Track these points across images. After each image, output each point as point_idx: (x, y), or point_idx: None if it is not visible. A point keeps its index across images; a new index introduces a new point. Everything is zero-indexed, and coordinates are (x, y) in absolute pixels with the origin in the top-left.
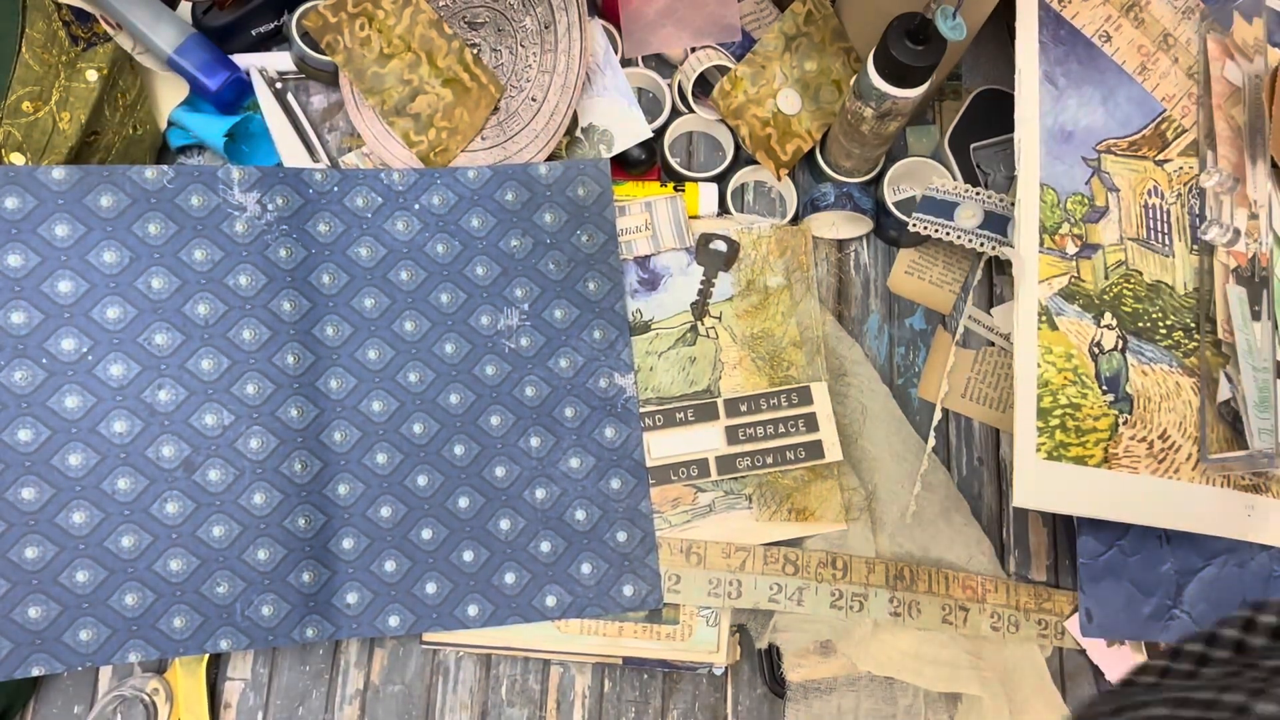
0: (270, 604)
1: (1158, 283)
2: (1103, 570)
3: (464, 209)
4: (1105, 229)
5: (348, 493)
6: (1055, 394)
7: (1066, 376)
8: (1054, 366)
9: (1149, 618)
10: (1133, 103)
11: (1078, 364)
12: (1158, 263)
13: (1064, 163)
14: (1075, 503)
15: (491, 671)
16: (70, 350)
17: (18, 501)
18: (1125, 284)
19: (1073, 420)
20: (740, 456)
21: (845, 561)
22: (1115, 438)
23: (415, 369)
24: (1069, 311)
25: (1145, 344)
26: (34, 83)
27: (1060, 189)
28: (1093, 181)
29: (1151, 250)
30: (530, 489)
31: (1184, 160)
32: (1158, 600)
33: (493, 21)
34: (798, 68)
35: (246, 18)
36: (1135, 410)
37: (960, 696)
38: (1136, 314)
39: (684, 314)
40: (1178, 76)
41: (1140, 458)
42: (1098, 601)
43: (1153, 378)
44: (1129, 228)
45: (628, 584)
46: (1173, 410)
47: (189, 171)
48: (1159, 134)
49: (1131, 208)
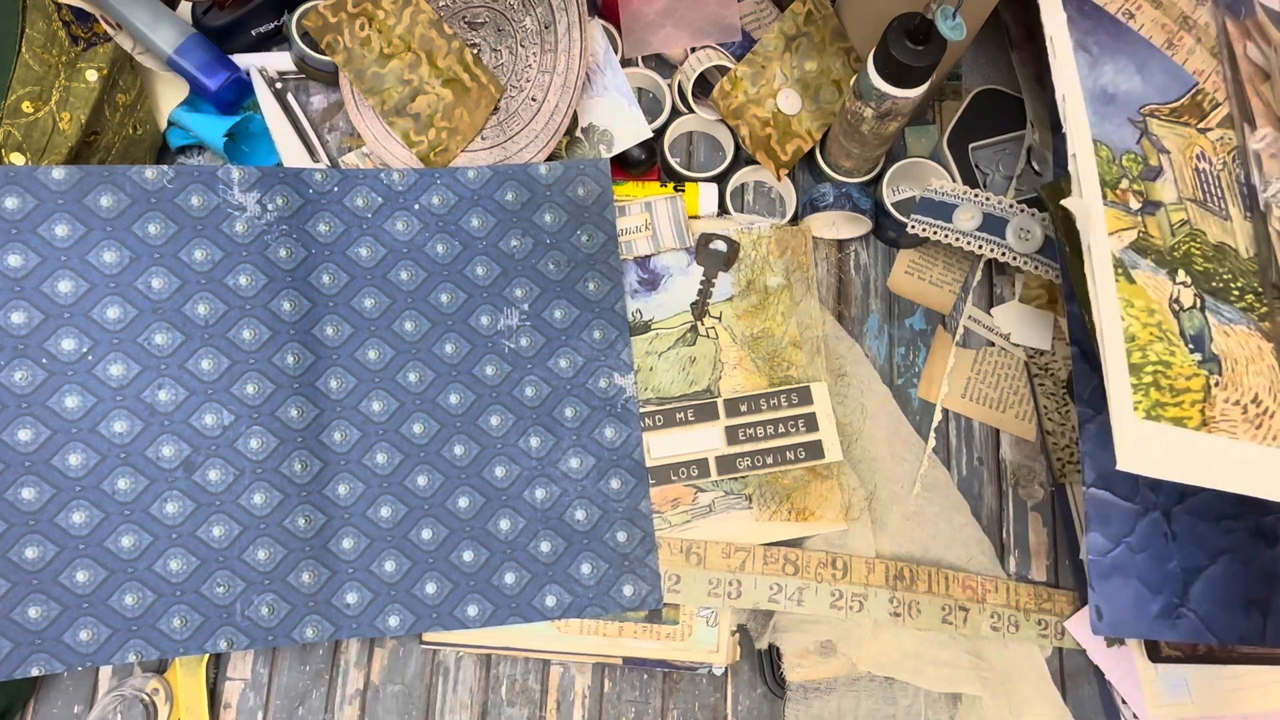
0: (270, 604)
1: (1222, 244)
2: (1111, 568)
3: (464, 209)
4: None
5: (348, 493)
6: (1144, 350)
7: (1152, 332)
8: (1138, 321)
9: (1157, 616)
10: (1167, 74)
11: (1161, 320)
12: (1218, 225)
13: (1111, 122)
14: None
15: (491, 671)
16: (70, 350)
17: (18, 501)
18: (1192, 243)
19: (1165, 379)
20: (740, 456)
21: (845, 561)
22: (1209, 400)
23: (415, 369)
24: (1143, 265)
25: (1221, 304)
26: (34, 83)
27: (1113, 146)
28: (1143, 142)
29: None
30: (530, 489)
31: (1223, 131)
32: (1165, 598)
33: (493, 21)
34: (798, 68)
35: (246, 18)
36: (1225, 371)
37: (960, 696)
38: (1208, 273)
39: (684, 314)
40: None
41: (1237, 422)
42: (1107, 599)
43: (1235, 339)
44: (1184, 189)
45: (628, 584)
46: (1260, 374)
47: (189, 171)
48: (1196, 104)
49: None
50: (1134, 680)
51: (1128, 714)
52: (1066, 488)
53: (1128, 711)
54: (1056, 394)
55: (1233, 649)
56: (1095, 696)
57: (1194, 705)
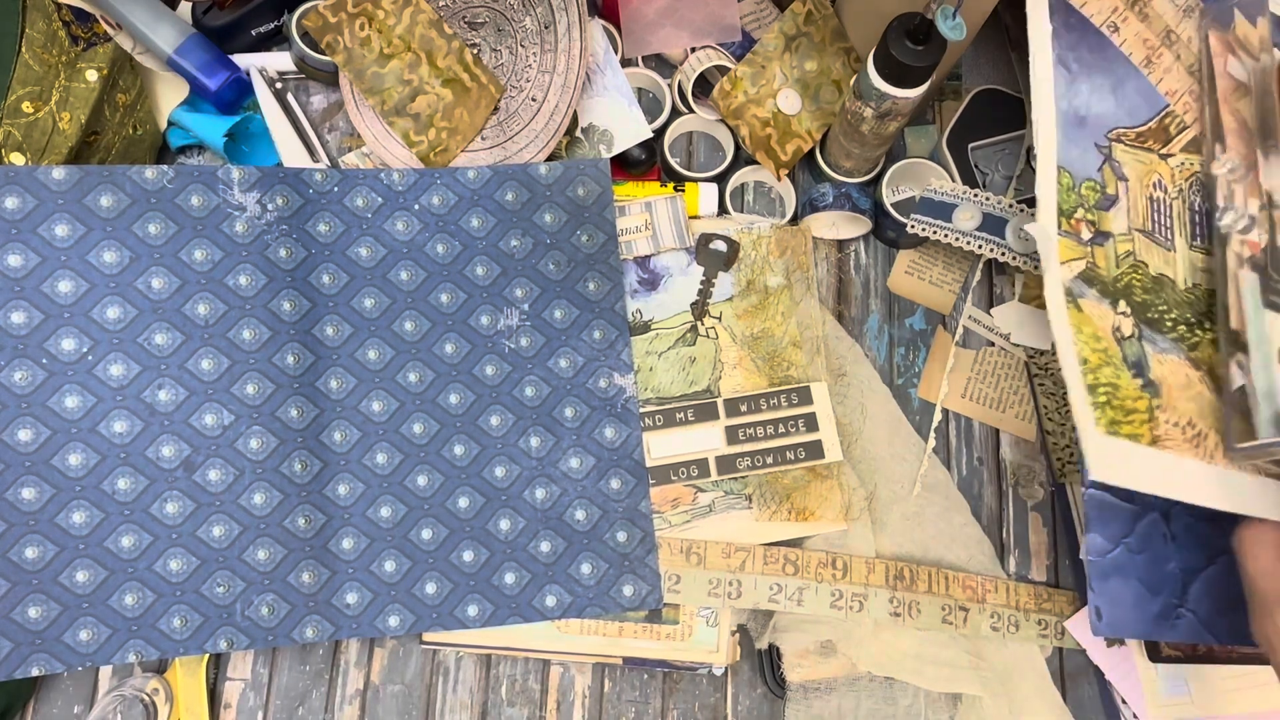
0: (270, 604)
1: (1161, 275)
2: (1110, 568)
3: (464, 209)
4: (1115, 217)
5: (348, 493)
6: (1096, 372)
7: (1100, 357)
8: (1088, 346)
9: (1157, 616)
10: (1139, 94)
11: (1106, 346)
12: (1161, 256)
13: (1079, 147)
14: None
15: (491, 671)
16: (70, 350)
17: (18, 501)
18: (1134, 274)
19: (1116, 399)
20: (740, 456)
21: (845, 561)
22: (1154, 420)
23: (415, 369)
24: (1089, 295)
25: (1156, 334)
26: (34, 83)
27: (1075, 173)
28: (1104, 169)
29: (1155, 243)
30: (530, 489)
31: (1185, 156)
32: (1164, 599)
33: (493, 21)
34: (798, 68)
35: (246, 18)
36: (1163, 395)
37: (960, 696)
38: (1146, 304)
39: (684, 314)
40: (1180, 73)
41: (1179, 441)
42: (1108, 599)
43: (1168, 366)
44: (1136, 218)
45: (628, 584)
46: (1191, 400)
47: (189, 171)
48: (1163, 128)
49: (1139, 199)
50: (1134, 680)
51: (1128, 714)
52: (1066, 488)
53: (1128, 711)
54: (1056, 394)
55: (1232, 649)
56: (1095, 696)
57: (1194, 705)
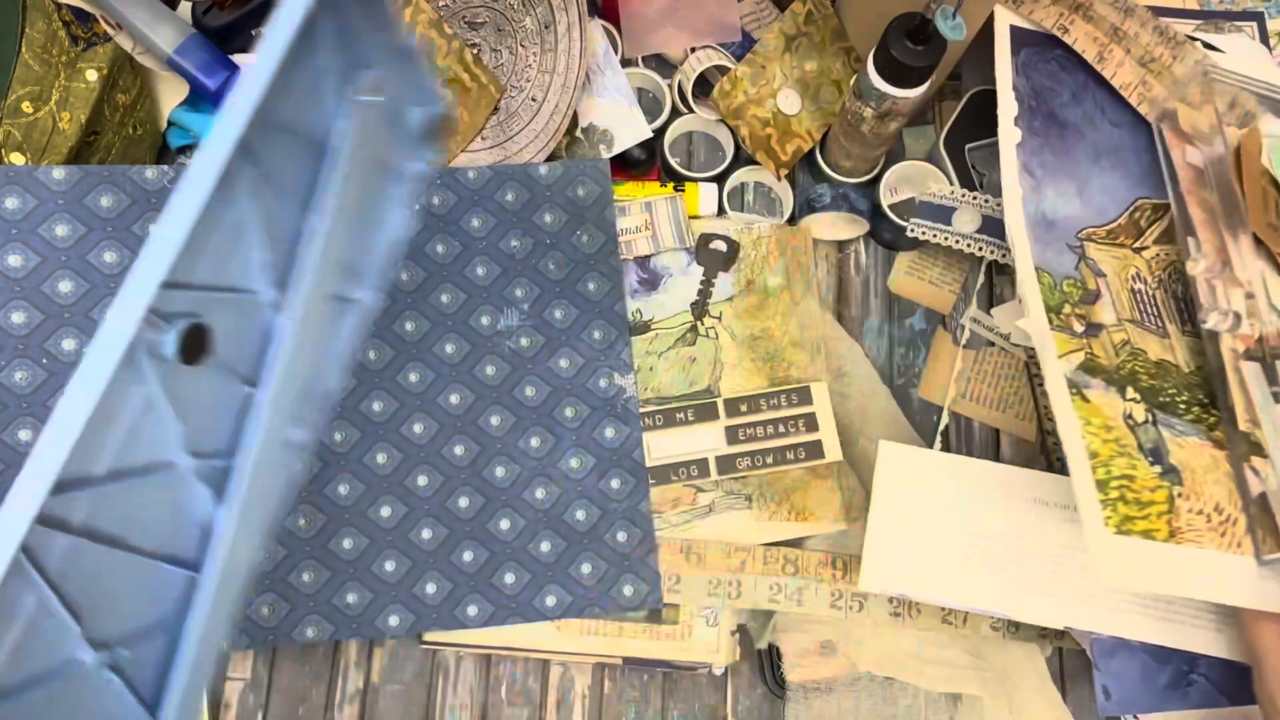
0: (270, 604)
1: (1163, 361)
2: (1114, 643)
3: (464, 209)
4: (1103, 310)
5: (348, 493)
6: (1107, 465)
7: (1112, 448)
8: (1098, 438)
9: (1167, 687)
10: (1105, 193)
11: (1119, 435)
12: (1158, 342)
13: (1052, 249)
14: (1155, 580)
15: (491, 671)
16: (71, 350)
17: None
18: (1135, 361)
19: (1131, 492)
20: (740, 456)
21: (845, 561)
22: (1174, 510)
23: (415, 369)
24: (1094, 385)
25: (1172, 418)
26: (34, 83)
27: (1054, 272)
28: (1080, 267)
29: (1148, 332)
30: (530, 489)
31: (1159, 248)
32: (1173, 667)
33: (493, 21)
34: (798, 68)
35: (246, 18)
36: (1185, 481)
37: (960, 696)
38: (1154, 389)
39: (684, 314)
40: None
41: (1202, 530)
42: (1113, 677)
43: (1189, 450)
44: (1122, 310)
45: (628, 584)
46: (1218, 483)
47: None
48: (1134, 223)
49: (1120, 292)
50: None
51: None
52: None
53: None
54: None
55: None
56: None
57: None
